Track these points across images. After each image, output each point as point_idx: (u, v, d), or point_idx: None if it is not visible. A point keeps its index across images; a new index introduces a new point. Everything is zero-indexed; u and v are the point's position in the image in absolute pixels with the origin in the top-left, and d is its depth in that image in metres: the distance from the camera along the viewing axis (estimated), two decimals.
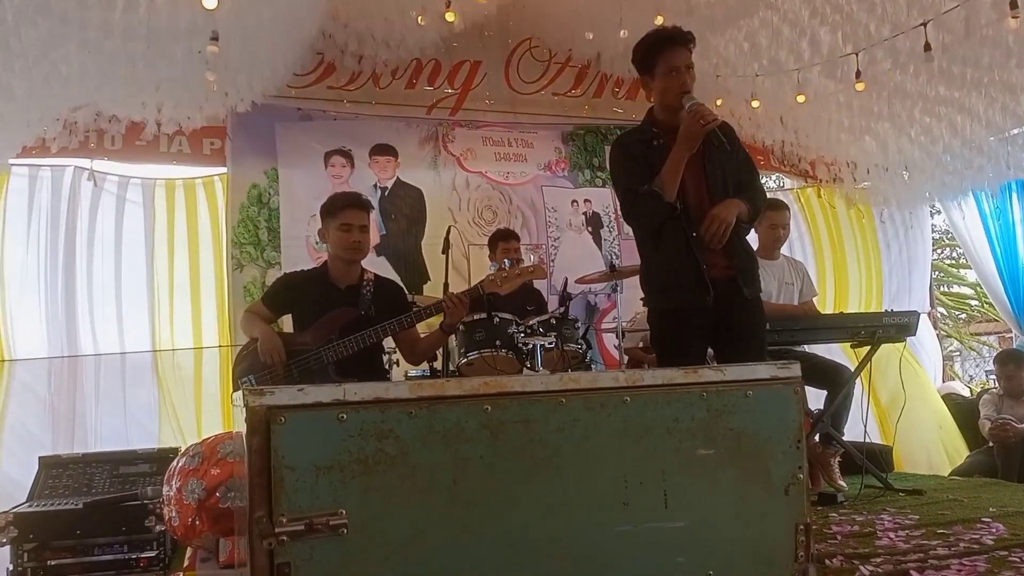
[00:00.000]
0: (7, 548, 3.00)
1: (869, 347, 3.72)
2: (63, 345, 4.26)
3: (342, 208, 3.20)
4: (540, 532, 1.27)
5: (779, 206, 4.16)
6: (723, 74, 5.12)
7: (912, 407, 4.71)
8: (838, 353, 4.78)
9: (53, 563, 3.02)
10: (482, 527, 1.24)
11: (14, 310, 4.19)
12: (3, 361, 4.10)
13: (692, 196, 2.70)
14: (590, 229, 5.53)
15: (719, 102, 5.24)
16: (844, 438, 3.80)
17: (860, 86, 4.55)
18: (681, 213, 2.66)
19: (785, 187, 6.39)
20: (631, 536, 1.32)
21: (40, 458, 3.47)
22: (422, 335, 3.44)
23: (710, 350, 2.86)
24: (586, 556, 1.29)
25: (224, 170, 4.78)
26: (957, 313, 12.74)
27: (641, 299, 2.98)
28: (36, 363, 4.19)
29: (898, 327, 3.67)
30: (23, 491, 3.36)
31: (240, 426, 1.25)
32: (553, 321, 3.82)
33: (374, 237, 4.90)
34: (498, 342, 3.68)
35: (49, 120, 4.02)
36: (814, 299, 4.27)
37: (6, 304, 4.16)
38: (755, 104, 5.17)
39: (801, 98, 4.93)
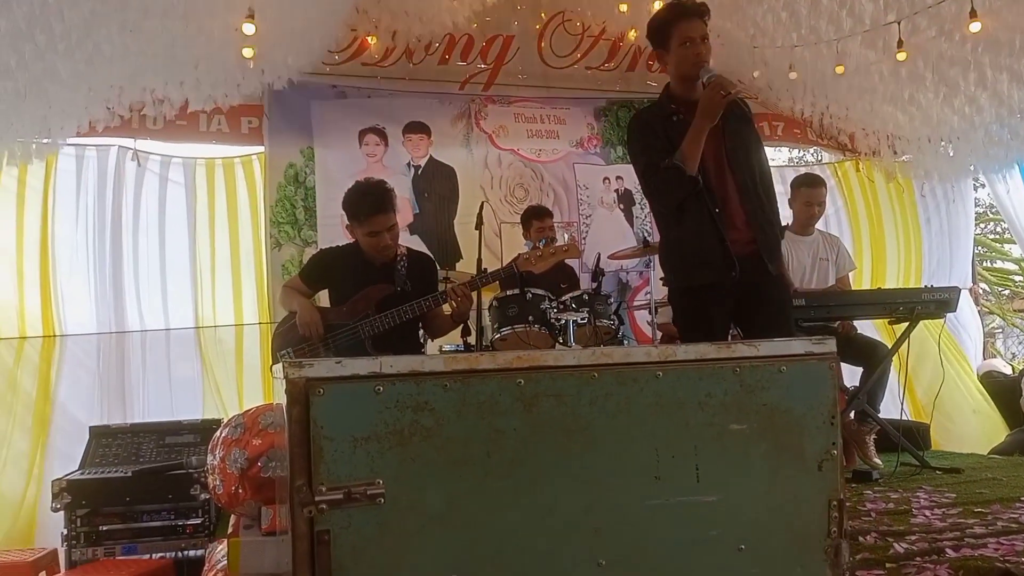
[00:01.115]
0: (61, 513, 3.14)
1: (907, 324, 3.66)
2: (111, 321, 4.39)
3: (368, 215, 3.15)
4: (572, 504, 1.27)
5: (816, 183, 4.08)
6: (760, 45, 5.01)
7: (949, 386, 4.63)
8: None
9: (104, 528, 3.14)
10: (515, 498, 1.25)
11: (64, 287, 4.32)
12: (55, 336, 4.25)
13: (712, 170, 2.67)
14: (622, 207, 5.49)
15: (756, 74, 5.14)
16: (880, 416, 3.76)
17: (902, 55, 4.42)
18: (703, 188, 2.64)
19: (823, 160, 6.26)
20: (663, 509, 1.32)
21: (90, 428, 3.61)
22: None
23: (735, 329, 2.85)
24: (618, 528, 1.29)
25: (261, 149, 4.84)
26: (1000, 289, 12.40)
27: (661, 279, 2.97)
28: (86, 338, 4.32)
29: (937, 303, 3.60)
30: (75, 460, 3.50)
31: (280, 398, 1.28)
32: (586, 297, 3.83)
33: (407, 215, 4.94)
34: (531, 317, 3.70)
35: (93, 100, 4.11)
36: (851, 273, 4.21)
37: (57, 281, 4.29)
38: (793, 75, 5.06)
39: (840, 69, 4.80)
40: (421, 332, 3.54)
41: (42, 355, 4.19)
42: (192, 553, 3.15)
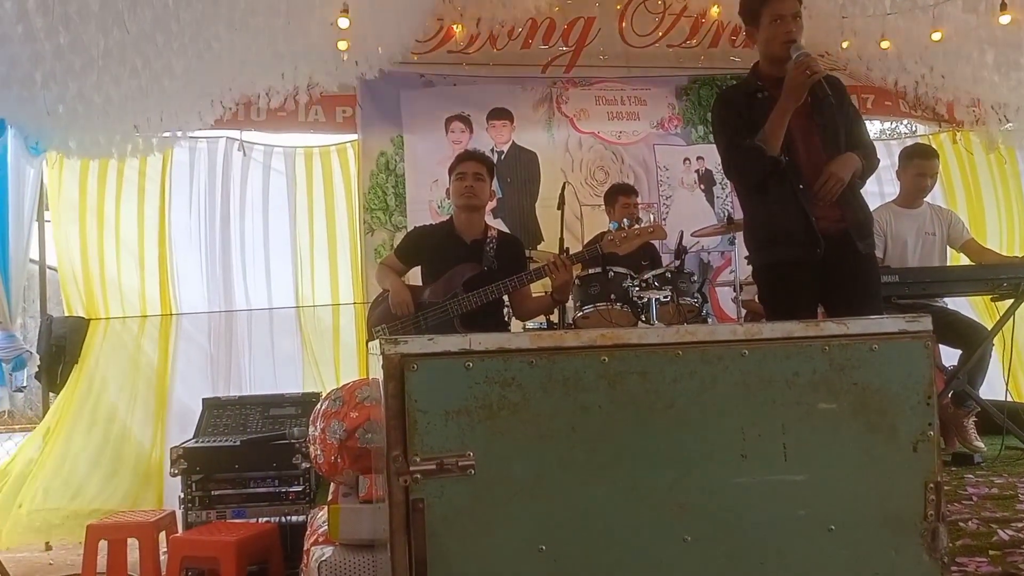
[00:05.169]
0: (178, 478, 3.37)
1: (1012, 301, 3.46)
2: (220, 300, 4.72)
3: (459, 161, 3.41)
4: (657, 481, 1.28)
5: (929, 154, 3.87)
6: (850, 14, 4.76)
7: None
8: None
9: (216, 492, 3.31)
10: (600, 473, 1.26)
11: (180, 270, 4.68)
12: (171, 315, 4.60)
13: (801, 148, 2.61)
14: (702, 187, 5.40)
15: (845, 44, 4.91)
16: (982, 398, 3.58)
17: (1005, 18, 4.13)
18: (788, 165, 2.57)
19: (918, 132, 5.93)
20: (749, 488, 1.30)
21: (203, 399, 3.84)
22: (535, 294, 3.52)
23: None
24: (703, 505, 1.29)
25: (355, 136, 5.03)
26: None
27: (745, 257, 2.92)
28: (198, 316, 4.67)
29: None
30: (190, 429, 3.74)
31: (376, 373, 1.33)
32: (668, 275, 3.79)
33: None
34: (613, 296, 3.70)
35: (204, 95, 4.38)
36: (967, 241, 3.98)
37: (173, 265, 4.65)
38: (885, 45, 4.81)
39: (937, 35, 4.53)
40: (505, 311, 3.61)
41: (161, 332, 4.56)
42: (294, 518, 3.28)
